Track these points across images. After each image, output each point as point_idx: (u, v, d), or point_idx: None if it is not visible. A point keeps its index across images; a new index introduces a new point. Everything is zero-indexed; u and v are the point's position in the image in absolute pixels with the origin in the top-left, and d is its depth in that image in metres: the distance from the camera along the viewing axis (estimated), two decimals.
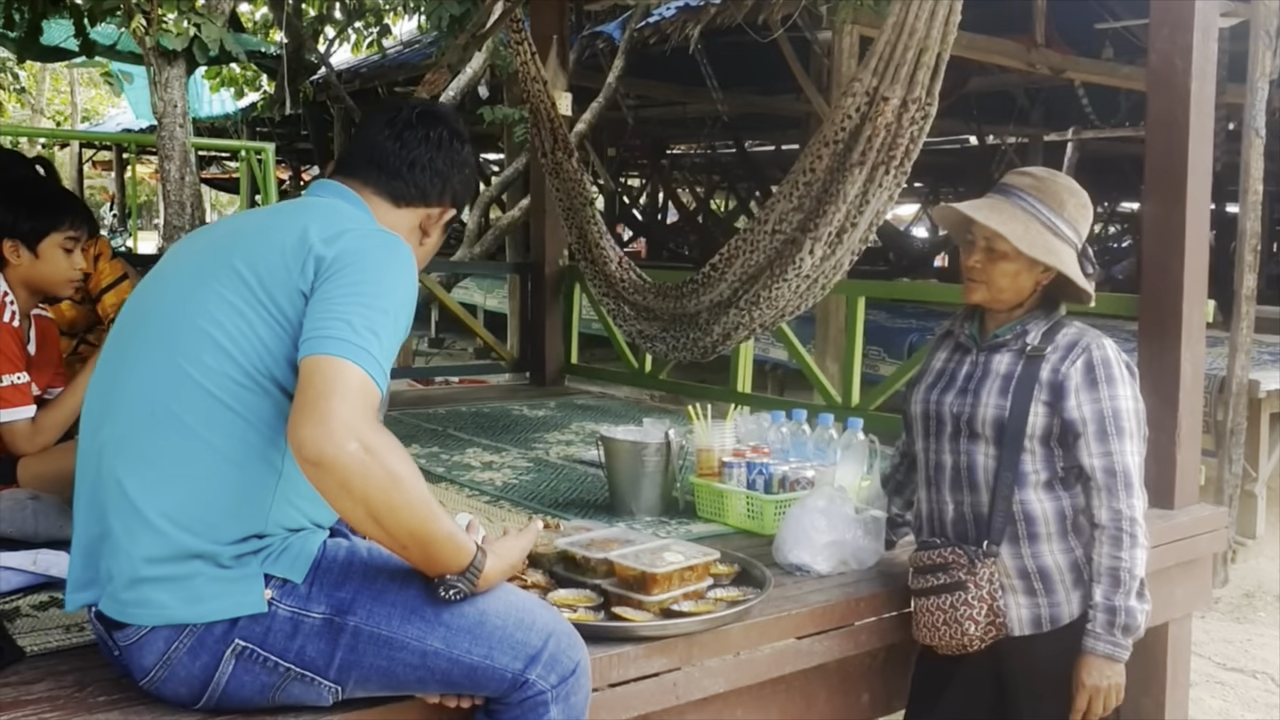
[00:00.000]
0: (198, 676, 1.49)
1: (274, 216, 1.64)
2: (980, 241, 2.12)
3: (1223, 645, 4.00)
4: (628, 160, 15.66)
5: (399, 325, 1.50)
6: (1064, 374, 2.04)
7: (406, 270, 1.55)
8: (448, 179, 1.74)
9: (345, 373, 1.38)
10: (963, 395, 2.14)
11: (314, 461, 1.34)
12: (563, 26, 5.00)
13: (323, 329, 1.42)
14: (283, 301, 1.49)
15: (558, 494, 3.02)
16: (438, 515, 1.45)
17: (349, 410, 1.36)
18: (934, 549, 2.12)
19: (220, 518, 1.47)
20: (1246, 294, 4.72)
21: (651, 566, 1.91)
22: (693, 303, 3.81)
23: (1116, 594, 1.98)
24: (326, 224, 1.55)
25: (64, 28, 6.06)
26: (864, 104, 3.14)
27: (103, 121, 18.20)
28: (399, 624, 1.52)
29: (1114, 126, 9.53)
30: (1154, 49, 2.87)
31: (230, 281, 1.51)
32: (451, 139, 1.75)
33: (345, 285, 1.47)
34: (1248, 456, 4.96)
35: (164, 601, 1.46)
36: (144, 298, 1.62)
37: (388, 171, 1.70)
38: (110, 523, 1.49)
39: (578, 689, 1.61)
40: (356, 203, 1.68)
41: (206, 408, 1.47)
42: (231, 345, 1.47)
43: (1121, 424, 2.02)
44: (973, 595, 2.03)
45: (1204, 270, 2.90)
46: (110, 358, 1.61)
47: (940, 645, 2.10)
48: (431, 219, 1.75)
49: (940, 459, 2.17)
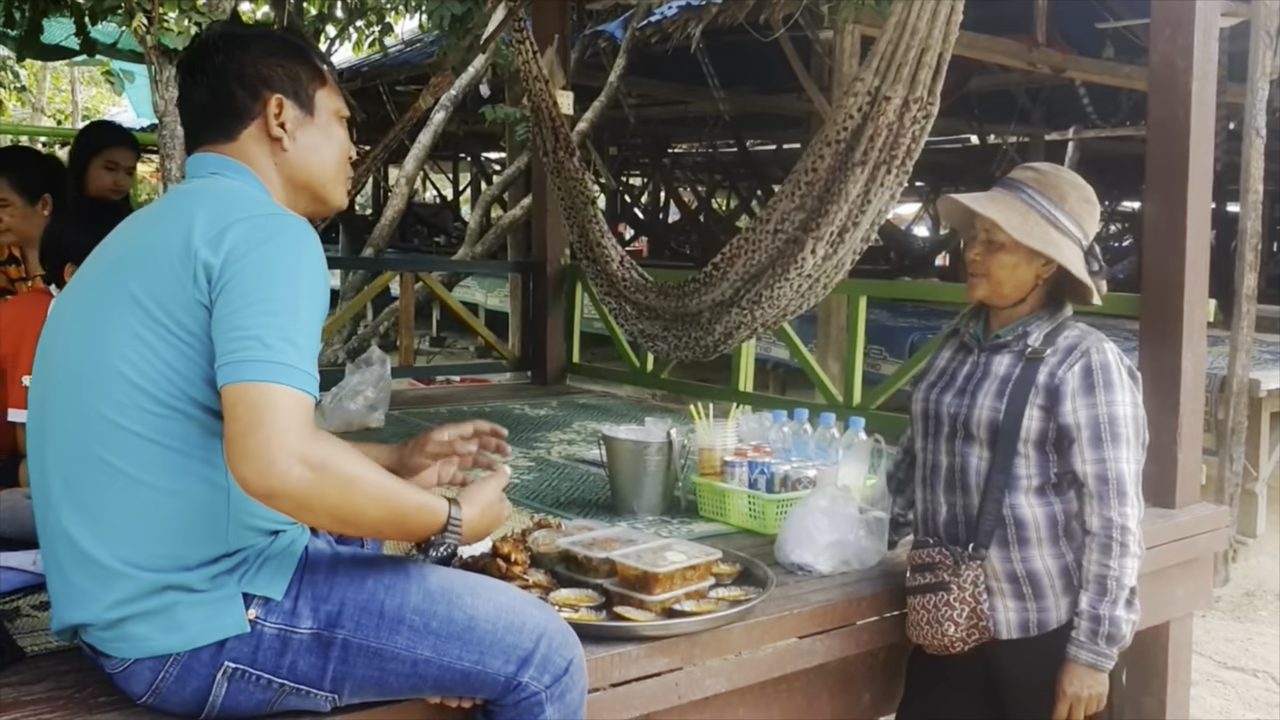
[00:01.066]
0: (190, 700, 1.48)
1: (158, 221, 1.52)
2: (980, 234, 2.12)
3: (1224, 644, 4.00)
4: (629, 159, 15.66)
5: (312, 320, 1.41)
6: (1060, 378, 2.03)
7: (306, 255, 1.43)
8: (239, 84, 1.58)
9: (270, 397, 1.33)
10: (960, 396, 2.13)
11: (265, 495, 1.32)
12: (564, 25, 5.00)
13: (235, 352, 1.35)
14: (183, 317, 1.41)
15: (559, 493, 3.02)
16: (401, 493, 1.44)
17: (282, 436, 1.31)
18: (926, 548, 2.13)
19: (179, 548, 1.44)
20: (1247, 293, 4.72)
21: (653, 566, 1.91)
22: (694, 302, 3.81)
23: (1102, 602, 1.96)
24: (207, 220, 1.43)
25: (64, 26, 6.05)
26: (866, 104, 3.14)
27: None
28: (388, 635, 1.51)
29: (1115, 126, 9.53)
30: (1155, 49, 2.87)
31: (128, 308, 1.43)
32: (213, 56, 1.59)
33: (243, 296, 1.38)
34: (1248, 455, 4.97)
35: (145, 634, 1.45)
36: (51, 341, 1.55)
37: (203, 125, 1.60)
38: (71, 576, 1.47)
39: (572, 687, 1.61)
40: (227, 165, 1.57)
41: (131, 446, 1.42)
42: (140, 377, 1.41)
43: (1118, 430, 2.00)
44: (955, 597, 2.04)
45: (1205, 270, 2.90)
46: (35, 408, 1.55)
47: (926, 644, 2.12)
48: (268, 122, 1.58)
49: (936, 459, 2.17)
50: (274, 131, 1.59)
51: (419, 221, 15.54)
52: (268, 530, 1.52)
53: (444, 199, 18.85)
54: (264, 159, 1.60)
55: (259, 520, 1.50)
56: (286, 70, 1.61)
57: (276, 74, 1.60)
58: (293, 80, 1.62)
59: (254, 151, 1.59)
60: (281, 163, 1.61)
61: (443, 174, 19.03)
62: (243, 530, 1.48)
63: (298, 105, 1.62)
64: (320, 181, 1.64)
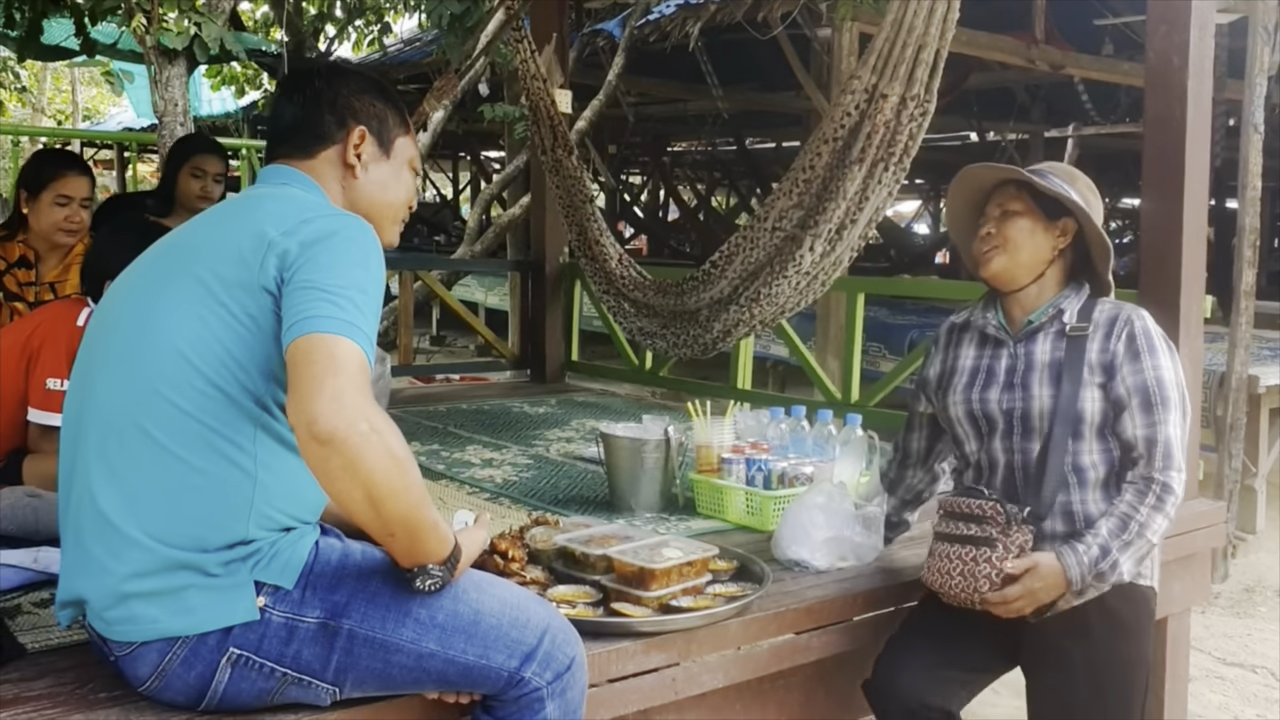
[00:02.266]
0: (194, 685, 1.50)
1: (230, 217, 1.62)
2: (994, 211, 2.12)
3: (1222, 640, 4.00)
4: (628, 157, 15.67)
5: (376, 304, 1.49)
6: (1113, 351, 2.02)
7: (374, 249, 1.53)
8: (331, 110, 1.70)
9: (344, 350, 1.37)
10: (1010, 390, 2.09)
11: (324, 440, 1.31)
12: (563, 24, 5.00)
13: (310, 310, 1.41)
14: (246, 301, 1.47)
15: (558, 491, 3.03)
16: (428, 502, 1.45)
17: (355, 389, 1.35)
18: (977, 497, 2.02)
19: (201, 528, 1.46)
20: (1246, 289, 4.72)
21: (650, 562, 1.92)
22: (693, 300, 3.82)
23: (1117, 540, 1.93)
24: (281, 216, 1.53)
25: (64, 26, 6.06)
26: (863, 101, 3.15)
27: (104, 120, 18.19)
28: (394, 627, 1.52)
29: (1114, 122, 9.53)
30: (1151, 47, 2.87)
31: (193, 290, 1.49)
32: (314, 80, 1.72)
33: (320, 269, 1.45)
34: (1247, 452, 4.97)
35: (154, 616, 1.46)
36: (108, 313, 1.60)
37: (286, 140, 1.70)
38: (88, 545, 1.49)
39: (573, 684, 1.62)
40: (297, 179, 1.67)
41: (174, 421, 1.45)
42: (195, 355, 1.46)
43: (1166, 394, 1.99)
44: (997, 555, 1.95)
45: (1202, 266, 2.91)
46: (80, 375, 1.60)
47: (946, 593, 2.02)
48: (348, 149, 1.69)
49: (993, 459, 2.12)
50: (350, 159, 1.70)
51: (419, 220, 15.54)
52: (284, 526, 1.54)
53: (443, 198, 18.86)
54: (334, 181, 1.70)
55: (278, 514, 1.52)
56: (376, 109, 1.73)
57: (366, 109, 1.72)
58: (379, 119, 1.73)
59: (327, 172, 1.70)
60: (349, 188, 1.71)
61: (442, 173, 19.05)
62: (262, 521, 1.50)
63: (377, 142, 1.73)
64: (379, 215, 1.72)
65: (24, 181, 3.20)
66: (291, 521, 1.55)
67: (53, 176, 3.13)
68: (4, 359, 2.44)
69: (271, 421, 1.49)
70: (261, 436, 1.49)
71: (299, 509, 1.56)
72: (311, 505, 1.59)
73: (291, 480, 1.51)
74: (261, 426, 1.49)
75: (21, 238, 3.21)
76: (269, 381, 1.48)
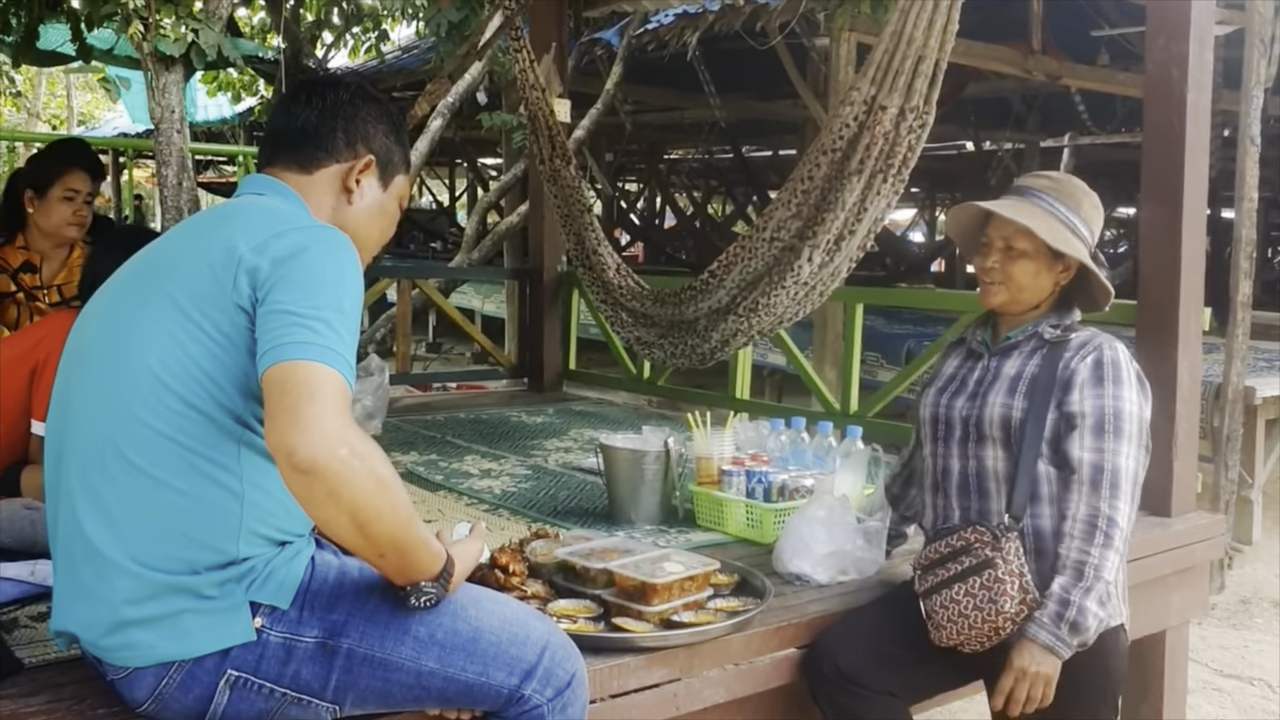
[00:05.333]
0: (192, 708, 1.48)
1: (201, 231, 1.57)
2: (998, 242, 2.12)
3: (1219, 652, 4.00)
4: (625, 165, 15.68)
5: (354, 320, 1.46)
6: (1072, 369, 2.03)
7: (350, 263, 1.50)
8: (345, 128, 1.68)
9: (320, 376, 1.35)
10: (972, 399, 2.13)
11: (305, 469, 1.30)
12: (561, 33, 5.00)
13: (285, 336, 1.37)
14: (218, 318, 1.44)
15: (557, 502, 3.02)
16: (417, 519, 1.43)
17: (333, 415, 1.32)
18: (949, 534, 2.02)
19: (189, 551, 1.44)
20: (1242, 300, 4.73)
21: (651, 577, 1.91)
22: (691, 309, 3.81)
23: (1075, 588, 1.90)
24: (253, 229, 1.49)
25: (61, 32, 6.05)
26: (862, 113, 3.15)
27: (99, 126, 18.18)
28: (393, 645, 1.51)
29: (1110, 132, 9.56)
30: (1150, 58, 2.88)
31: (164, 309, 1.46)
32: (337, 92, 1.70)
33: (292, 289, 1.42)
34: (1244, 463, 4.97)
35: (151, 641, 1.44)
36: (83, 332, 1.57)
37: (289, 146, 1.67)
38: (80, 572, 1.47)
39: (574, 700, 1.61)
40: (280, 190, 1.64)
41: (152, 444, 1.43)
42: (169, 376, 1.43)
43: (1121, 425, 1.98)
44: (1003, 571, 1.92)
45: (1200, 277, 2.92)
46: (59, 398, 1.57)
47: (967, 639, 1.96)
48: (351, 172, 1.67)
49: (948, 464, 2.16)
50: (349, 183, 1.68)
51: (415, 227, 15.54)
52: (277, 541, 1.52)
53: (440, 205, 18.85)
54: (327, 199, 1.68)
55: (270, 530, 1.50)
56: (388, 143, 1.73)
57: (379, 139, 1.71)
58: (387, 152, 1.73)
59: (322, 190, 1.67)
60: (340, 209, 1.68)
61: (439, 179, 19.04)
62: (253, 538, 1.48)
63: (379, 174, 1.72)
64: (361, 242, 1.69)
65: (30, 179, 3.17)
66: (284, 536, 1.53)
67: (60, 173, 3.12)
68: (6, 371, 2.43)
69: (255, 438, 1.46)
70: (246, 453, 1.46)
71: (291, 523, 1.53)
72: (304, 519, 1.56)
73: (282, 495, 1.47)
74: (245, 444, 1.46)
75: (21, 243, 3.19)
76: (248, 399, 1.45)
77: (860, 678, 2.03)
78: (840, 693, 2.04)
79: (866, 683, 2.04)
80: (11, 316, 3.15)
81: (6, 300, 3.16)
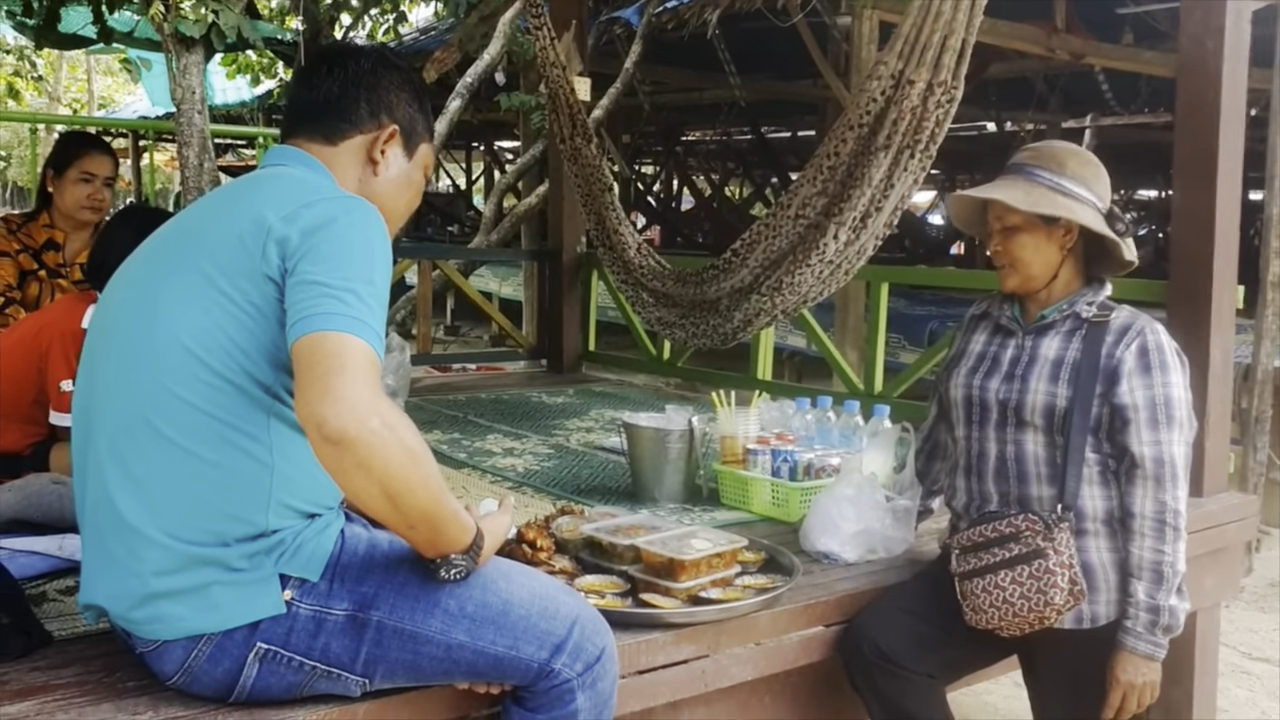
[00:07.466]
0: (221, 680, 1.48)
1: (228, 202, 1.57)
2: (995, 224, 2.10)
3: (1248, 635, 3.96)
4: (643, 147, 15.61)
5: (383, 290, 1.44)
6: (1119, 358, 1.99)
7: (379, 234, 1.49)
8: (368, 98, 1.65)
9: (350, 347, 1.33)
10: (1009, 381, 2.08)
11: (335, 440, 1.28)
12: (581, 11, 4.97)
13: (314, 307, 1.36)
14: (249, 289, 1.43)
15: (580, 480, 3.01)
16: (447, 491, 1.42)
17: (363, 385, 1.31)
18: (996, 519, 2.00)
19: (219, 523, 1.44)
20: (1272, 280, 4.66)
21: (679, 553, 1.90)
22: (713, 289, 3.79)
23: (1159, 591, 1.92)
24: (282, 200, 1.48)
25: (82, 15, 6.06)
26: (889, 87, 3.11)
27: (119, 109, 18.24)
28: (423, 618, 1.50)
29: (1134, 112, 9.44)
30: (1185, 30, 2.83)
31: (194, 280, 1.45)
32: (358, 61, 1.67)
33: (322, 260, 1.40)
34: (1273, 445, 4.91)
35: (180, 614, 1.44)
36: (110, 307, 1.56)
37: (311, 118, 1.65)
38: (110, 546, 1.47)
39: (604, 675, 1.60)
40: (306, 161, 1.62)
41: (183, 416, 1.42)
42: (200, 347, 1.42)
43: (1173, 412, 1.97)
44: (1054, 562, 1.90)
45: (1234, 256, 2.87)
46: (85, 373, 1.56)
47: (1008, 625, 1.94)
48: (376, 143, 1.65)
49: (984, 447, 2.12)
50: (375, 154, 1.66)
51: (432, 210, 15.56)
52: (307, 513, 1.51)
53: (457, 188, 18.85)
54: (353, 170, 1.65)
55: (299, 502, 1.49)
56: (411, 110, 1.70)
57: (402, 108, 1.69)
58: (411, 121, 1.71)
59: (347, 161, 1.65)
60: (366, 181, 1.67)
61: (455, 163, 19.03)
62: (283, 510, 1.47)
63: (404, 144, 1.70)
64: (388, 214, 1.67)
65: (51, 161, 3.30)
66: (314, 508, 1.52)
67: (77, 155, 3.23)
68: (15, 351, 2.44)
69: (285, 410, 1.45)
70: (276, 425, 1.46)
71: (321, 495, 1.52)
72: (334, 491, 1.55)
73: (311, 467, 1.45)
74: (275, 415, 1.45)
75: (46, 221, 3.26)
76: (278, 370, 1.44)
77: (900, 659, 2.03)
78: (880, 674, 2.04)
79: (906, 664, 2.03)
80: (34, 293, 3.18)
81: (29, 278, 3.18)
